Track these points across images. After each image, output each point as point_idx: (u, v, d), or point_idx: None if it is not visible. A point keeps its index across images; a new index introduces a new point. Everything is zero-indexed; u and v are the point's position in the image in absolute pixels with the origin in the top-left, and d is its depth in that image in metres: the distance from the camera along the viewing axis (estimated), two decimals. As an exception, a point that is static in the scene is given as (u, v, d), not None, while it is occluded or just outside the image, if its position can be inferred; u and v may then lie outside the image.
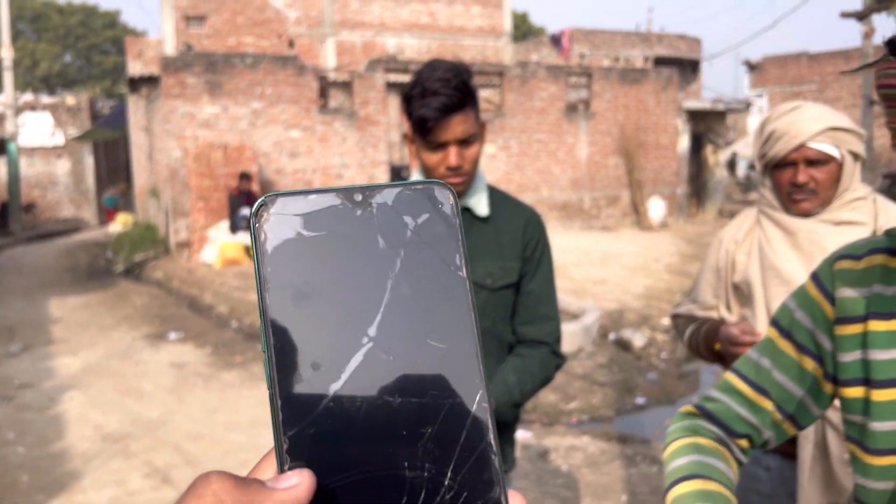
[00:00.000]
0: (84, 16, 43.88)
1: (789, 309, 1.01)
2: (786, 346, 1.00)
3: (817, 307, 0.96)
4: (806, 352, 0.97)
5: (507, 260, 1.65)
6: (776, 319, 1.03)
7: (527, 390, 1.61)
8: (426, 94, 1.50)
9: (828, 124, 1.62)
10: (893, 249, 0.92)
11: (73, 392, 5.79)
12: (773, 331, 1.02)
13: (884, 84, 0.79)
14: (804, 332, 0.98)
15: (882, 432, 0.88)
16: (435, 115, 1.49)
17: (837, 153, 1.63)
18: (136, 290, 10.53)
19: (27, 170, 21.36)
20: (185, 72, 11.38)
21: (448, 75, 1.51)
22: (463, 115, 1.53)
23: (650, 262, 10.46)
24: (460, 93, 1.51)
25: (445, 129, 1.51)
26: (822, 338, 0.96)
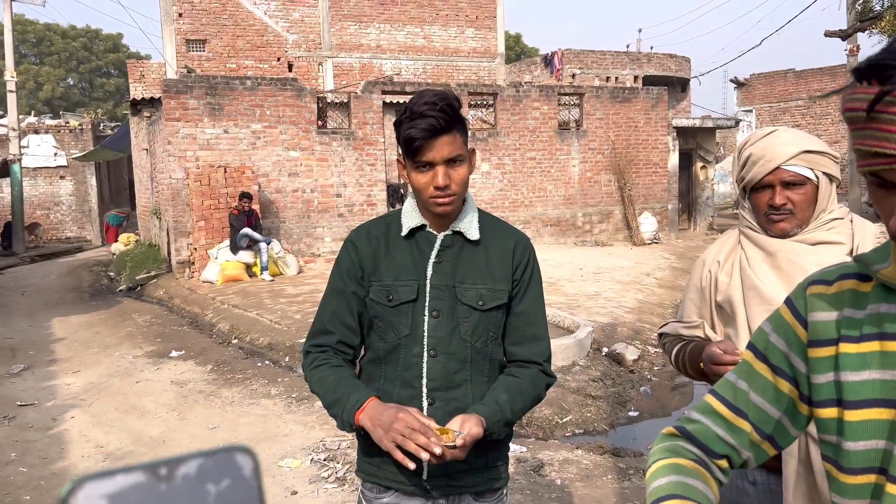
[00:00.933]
0: (87, 40, 44.36)
1: (765, 333, 1.03)
2: (762, 368, 1.02)
3: (791, 331, 0.99)
4: (781, 374, 1.00)
5: (497, 282, 1.69)
6: (752, 343, 1.05)
7: (518, 408, 1.64)
8: (414, 116, 1.57)
9: (801, 148, 1.67)
10: (863, 274, 0.95)
11: (75, 411, 5.87)
12: (749, 354, 1.05)
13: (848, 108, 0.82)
14: (779, 354, 1.00)
15: (855, 451, 0.90)
16: (422, 135, 1.55)
17: (812, 175, 1.68)
18: (138, 308, 10.65)
19: (31, 190, 21.56)
20: (186, 94, 11.59)
21: (435, 100, 1.57)
22: (450, 136, 1.58)
23: (642, 277, 10.58)
24: (446, 115, 1.57)
25: (432, 149, 1.57)
26: (797, 360, 0.98)
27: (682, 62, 22.74)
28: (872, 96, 0.77)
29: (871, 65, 0.77)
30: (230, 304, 9.52)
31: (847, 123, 0.82)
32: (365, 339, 1.77)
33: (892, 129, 0.76)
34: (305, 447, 4.85)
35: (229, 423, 5.45)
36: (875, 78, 0.77)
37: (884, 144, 0.77)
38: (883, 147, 0.77)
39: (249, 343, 7.91)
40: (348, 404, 1.58)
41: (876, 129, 0.77)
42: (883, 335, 0.89)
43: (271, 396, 6.10)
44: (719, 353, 1.65)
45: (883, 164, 0.78)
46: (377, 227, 1.77)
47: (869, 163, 0.80)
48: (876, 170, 0.80)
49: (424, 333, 1.66)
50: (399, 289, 1.68)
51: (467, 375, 1.68)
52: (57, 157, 22.24)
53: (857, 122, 0.80)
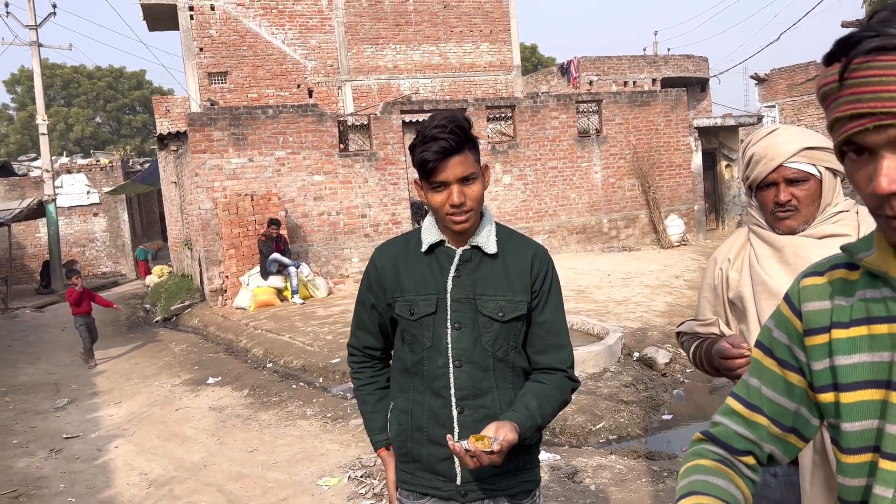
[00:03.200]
0: (112, 79, 45.61)
1: (769, 328, 1.07)
2: (770, 363, 1.05)
3: (790, 324, 1.03)
4: (788, 367, 1.03)
5: (516, 293, 1.75)
6: (759, 340, 1.09)
7: (547, 413, 1.72)
8: (426, 140, 1.66)
9: (803, 145, 1.70)
10: (851, 263, 0.98)
11: (119, 441, 6.04)
12: (756, 351, 1.08)
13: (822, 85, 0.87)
14: (783, 348, 1.03)
15: (852, 432, 0.93)
16: (434, 157, 1.64)
17: (815, 171, 1.71)
18: (174, 338, 10.87)
19: (66, 229, 22.18)
20: (210, 126, 11.88)
21: (444, 122, 1.65)
22: (462, 156, 1.66)
23: (671, 280, 10.50)
24: (457, 137, 1.65)
25: (445, 170, 1.65)
26: (798, 351, 1.02)
27: (699, 62, 22.61)
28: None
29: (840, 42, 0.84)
30: (263, 328, 9.68)
31: (822, 104, 0.87)
32: (396, 349, 1.90)
33: (863, 90, 0.81)
34: (342, 465, 4.93)
35: (267, 446, 5.55)
36: (841, 56, 0.83)
37: (858, 105, 0.82)
38: (858, 108, 0.82)
39: (284, 366, 8.04)
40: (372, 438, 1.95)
41: (850, 93, 0.82)
42: (870, 319, 0.93)
43: (307, 417, 6.20)
44: (727, 348, 1.69)
45: (859, 126, 0.82)
46: (398, 244, 1.87)
47: (846, 128, 0.85)
48: (852, 133, 0.84)
49: (448, 345, 1.74)
50: (420, 303, 1.77)
51: (493, 383, 1.75)
52: (90, 195, 22.88)
53: (832, 94, 0.85)
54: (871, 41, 0.80)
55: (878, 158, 0.83)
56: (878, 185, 0.82)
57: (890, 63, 0.79)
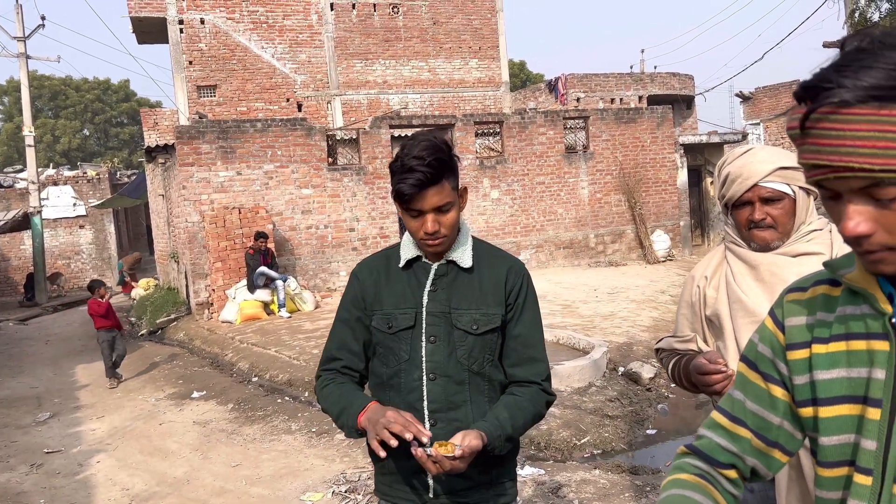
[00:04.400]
0: (100, 91, 45.51)
1: (754, 343, 1.08)
2: (754, 377, 1.07)
3: (774, 338, 1.04)
4: (771, 380, 1.04)
5: (490, 307, 1.77)
6: (744, 354, 1.10)
7: (518, 425, 1.72)
8: (404, 170, 1.68)
9: (777, 164, 1.73)
10: (834, 279, 1.00)
11: (101, 455, 5.98)
12: (741, 365, 1.10)
13: (789, 127, 0.89)
14: (767, 362, 1.05)
15: (829, 446, 0.95)
16: (411, 189, 1.68)
17: (789, 190, 1.74)
18: (159, 351, 10.80)
19: (51, 241, 22.01)
20: (198, 139, 11.88)
21: (424, 153, 1.67)
22: (438, 187, 1.69)
23: (657, 295, 10.57)
24: (434, 169, 1.67)
25: (422, 201, 1.69)
26: (781, 365, 1.03)
27: (685, 80, 22.88)
28: None
29: (804, 87, 0.85)
30: (249, 342, 9.64)
31: (792, 141, 0.90)
32: (369, 364, 1.89)
33: (822, 143, 0.83)
34: (326, 480, 4.91)
35: (251, 461, 5.52)
36: (809, 99, 0.84)
37: (818, 157, 0.84)
38: (818, 159, 0.84)
39: (269, 380, 8.00)
40: (352, 410, 1.72)
41: (811, 143, 0.85)
42: (849, 335, 0.95)
43: (292, 432, 6.17)
44: (704, 363, 1.72)
45: (821, 175, 0.85)
46: (378, 259, 1.91)
47: (811, 174, 0.87)
48: (817, 180, 0.87)
49: (423, 358, 1.77)
50: (398, 316, 1.79)
51: (466, 396, 1.77)
52: (76, 207, 22.74)
53: (796, 138, 0.87)
54: (830, 93, 0.81)
55: (844, 202, 0.86)
56: (845, 228, 0.85)
57: (848, 117, 0.80)
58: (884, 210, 0.83)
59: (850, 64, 0.82)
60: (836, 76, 0.82)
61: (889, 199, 0.82)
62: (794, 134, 0.87)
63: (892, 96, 0.79)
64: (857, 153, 0.81)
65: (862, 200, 0.84)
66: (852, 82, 0.80)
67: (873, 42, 0.83)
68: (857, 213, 0.84)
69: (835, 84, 0.81)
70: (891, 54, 0.80)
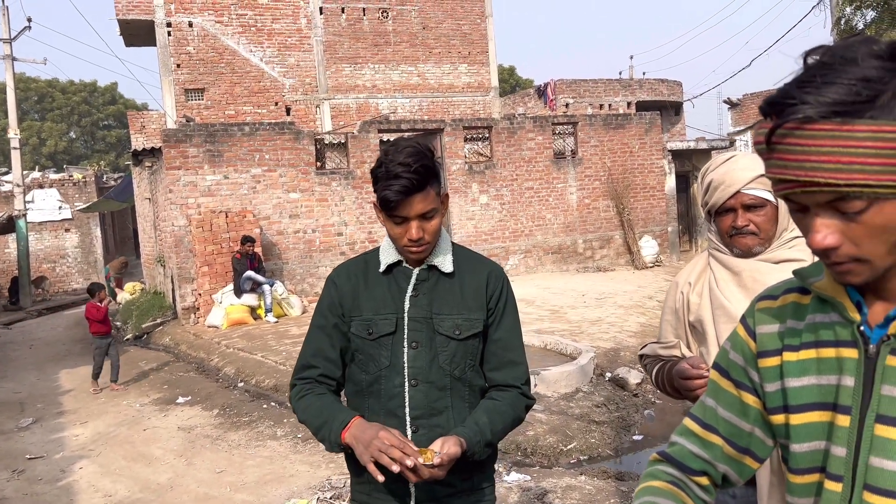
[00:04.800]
0: (87, 94, 45.20)
1: (725, 350, 1.09)
2: (726, 384, 1.08)
3: (745, 345, 1.05)
4: (743, 387, 1.05)
5: (472, 311, 1.78)
6: (716, 361, 1.11)
7: (498, 430, 1.72)
8: (389, 176, 1.66)
9: (759, 172, 1.72)
10: (804, 287, 1.01)
11: (84, 462, 5.91)
12: (714, 372, 1.11)
13: (756, 142, 0.90)
14: (739, 369, 1.06)
15: (800, 453, 0.96)
16: (396, 196, 1.66)
17: (771, 197, 1.75)
18: (144, 356, 10.71)
19: (36, 245, 21.81)
20: (185, 143, 11.81)
21: (409, 160, 1.65)
22: (423, 193, 1.68)
23: (644, 300, 10.61)
24: (419, 175, 1.65)
25: (406, 207, 1.68)
26: (752, 372, 1.04)
27: (673, 86, 23.04)
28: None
29: (769, 103, 0.86)
30: (235, 347, 9.58)
31: (759, 156, 0.90)
32: (346, 371, 1.86)
33: (788, 158, 0.84)
34: (311, 486, 4.87)
35: (236, 467, 5.47)
36: (774, 114, 0.85)
37: (784, 171, 0.85)
38: (784, 174, 0.85)
39: (255, 385, 7.95)
40: (334, 425, 1.67)
41: (777, 158, 0.86)
42: (818, 343, 0.96)
43: (277, 438, 6.13)
44: (687, 368, 1.74)
45: (787, 189, 0.86)
46: (356, 264, 1.88)
47: (778, 188, 0.88)
48: (784, 194, 0.88)
49: (405, 364, 1.75)
50: (379, 322, 1.77)
51: (448, 402, 1.76)
52: (62, 211, 22.55)
53: (763, 153, 0.88)
54: (794, 109, 0.82)
55: (811, 215, 0.87)
56: (812, 241, 0.86)
57: (812, 133, 0.81)
58: (850, 223, 0.84)
59: (812, 80, 0.83)
60: (798, 92, 0.83)
61: (854, 213, 0.83)
62: (761, 149, 0.88)
63: (854, 111, 0.80)
64: (822, 168, 0.81)
65: (828, 213, 0.85)
66: (815, 98, 0.81)
67: (834, 56, 0.83)
68: (824, 226, 0.85)
69: (798, 100, 0.82)
70: (852, 69, 0.81)
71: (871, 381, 0.89)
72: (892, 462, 0.86)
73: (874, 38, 0.85)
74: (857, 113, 0.80)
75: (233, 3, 18.23)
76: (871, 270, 0.86)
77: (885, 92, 0.80)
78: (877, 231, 0.83)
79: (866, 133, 0.80)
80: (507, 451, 5.32)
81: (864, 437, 0.89)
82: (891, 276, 0.89)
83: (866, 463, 0.88)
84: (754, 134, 0.90)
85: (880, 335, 0.90)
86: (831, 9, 16.75)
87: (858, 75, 0.80)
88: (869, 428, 0.88)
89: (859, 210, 0.83)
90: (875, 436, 0.88)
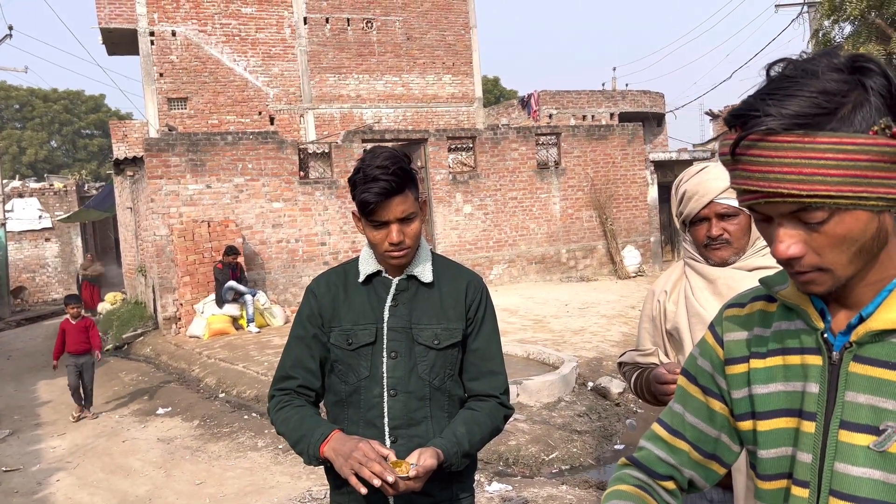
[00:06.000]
0: (68, 102, 44.81)
1: (694, 357, 1.11)
2: (694, 390, 1.09)
3: (713, 352, 1.07)
4: (711, 394, 1.07)
5: (451, 321, 1.78)
6: (685, 368, 1.13)
7: (476, 440, 1.72)
8: (367, 180, 1.67)
9: None
10: (769, 295, 1.04)
11: (61, 474, 5.83)
12: (682, 379, 1.13)
13: (721, 153, 0.92)
14: (706, 375, 1.08)
15: (767, 459, 0.98)
16: (375, 198, 1.66)
17: None
18: (125, 367, 10.58)
19: (16, 254, 21.53)
20: (167, 152, 11.74)
21: (387, 163, 1.67)
22: (402, 197, 1.69)
23: (627, 310, 10.67)
24: (398, 178, 1.67)
25: (386, 210, 1.68)
26: (720, 379, 1.06)
27: (656, 97, 23.28)
28: None
29: (733, 114, 0.88)
30: (217, 357, 9.50)
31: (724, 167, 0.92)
32: (325, 382, 1.85)
33: (752, 169, 0.85)
34: (292, 498, 4.84)
35: (216, 478, 5.42)
36: (739, 125, 0.87)
37: (748, 182, 0.87)
38: (747, 185, 0.87)
39: (236, 396, 7.88)
40: (313, 439, 1.67)
41: (741, 169, 0.87)
42: (784, 350, 0.98)
43: (258, 449, 6.08)
44: (663, 373, 1.76)
45: (752, 200, 0.88)
46: (336, 275, 1.88)
47: (743, 199, 0.90)
48: (749, 204, 0.89)
49: (384, 374, 1.75)
50: (358, 332, 1.77)
51: (427, 413, 1.76)
52: (42, 220, 22.29)
53: (728, 164, 0.90)
54: (757, 121, 0.83)
55: (775, 225, 0.88)
56: (776, 251, 0.88)
57: (775, 144, 0.83)
58: (813, 233, 0.86)
59: (775, 92, 0.84)
60: (762, 104, 0.84)
61: (817, 223, 0.85)
62: (726, 160, 0.90)
63: (816, 124, 0.82)
64: (785, 179, 0.83)
65: (792, 224, 0.87)
66: (777, 110, 0.83)
67: (796, 69, 0.85)
68: (787, 237, 0.87)
69: (761, 112, 0.84)
70: (813, 82, 0.83)
71: (835, 387, 0.91)
72: (855, 467, 0.88)
73: (835, 51, 0.87)
74: (818, 125, 0.82)
75: (217, 12, 18.20)
76: (833, 280, 0.88)
77: (845, 105, 0.82)
78: (838, 241, 0.85)
79: (827, 145, 0.81)
80: (489, 460, 5.32)
81: (828, 443, 0.90)
82: (853, 286, 0.91)
83: (831, 469, 0.89)
84: (719, 145, 0.92)
85: (843, 342, 0.91)
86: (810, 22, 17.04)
87: (819, 88, 0.82)
88: (833, 434, 0.90)
89: (821, 220, 0.84)
90: (839, 441, 0.89)
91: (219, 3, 18.16)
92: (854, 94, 0.82)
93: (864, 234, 0.85)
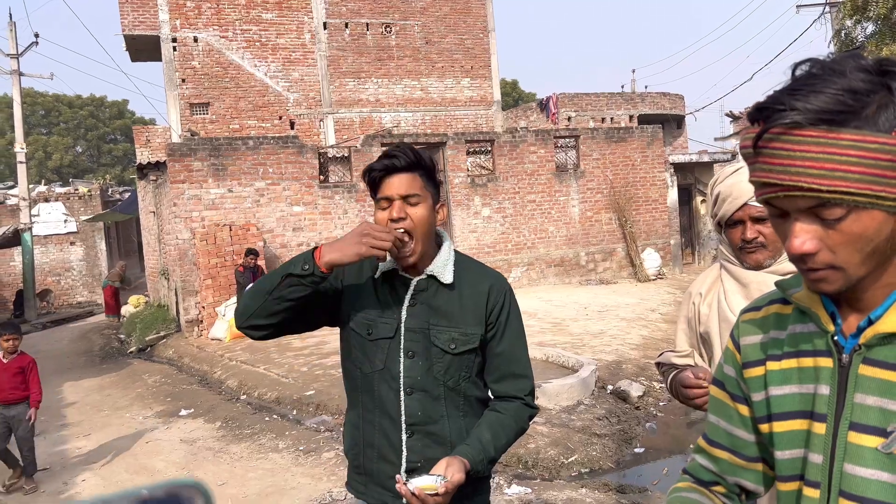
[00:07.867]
0: (93, 108, 45.54)
1: (721, 365, 1.13)
2: (723, 397, 1.11)
3: (734, 357, 1.08)
4: (738, 399, 1.08)
5: (469, 326, 1.75)
6: (714, 376, 1.14)
7: (501, 445, 1.73)
8: (381, 158, 1.75)
9: None
10: (785, 298, 1.04)
11: (86, 474, 5.92)
12: (713, 388, 1.14)
13: (742, 146, 0.92)
14: (732, 382, 1.09)
15: (783, 460, 0.99)
16: (380, 166, 1.71)
17: None
18: (148, 369, 10.73)
19: (42, 258, 21.90)
20: (190, 157, 11.90)
21: (401, 145, 1.74)
22: (409, 175, 1.70)
23: (647, 313, 10.60)
24: (407, 157, 1.70)
25: (389, 185, 1.70)
26: (742, 384, 1.07)
27: (675, 100, 23.12)
28: None
29: (757, 108, 0.89)
30: (238, 360, 9.60)
31: (744, 160, 0.93)
32: (343, 366, 1.89)
33: (773, 162, 0.86)
34: (313, 499, 4.88)
35: (238, 479, 5.48)
36: (761, 119, 0.88)
37: (769, 175, 0.87)
38: (768, 177, 0.88)
39: (258, 398, 7.96)
40: (301, 257, 1.69)
41: (762, 162, 0.88)
42: (798, 352, 0.99)
43: (279, 450, 6.14)
44: (689, 377, 1.76)
45: (770, 193, 0.89)
46: (360, 265, 1.85)
47: (761, 192, 0.91)
48: (767, 198, 0.90)
49: (401, 373, 1.76)
50: (380, 325, 1.78)
51: (443, 411, 1.77)
52: (67, 224, 22.67)
53: (749, 157, 0.91)
54: (782, 115, 0.84)
55: (791, 220, 0.89)
56: (791, 246, 0.88)
57: (799, 138, 0.84)
58: (829, 230, 0.86)
59: (801, 88, 0.85)
60: (788, 99, 0.85)
61: (834, 220, 0.85)
62: (747, 153, 0.90)
63: (840, 120, 0.83)
64: (806, 173, 0.84)
65: (809, 219, 0.87)
66: (803, 105, 0.83)
67: (823, 68, 0.86)
68: (803, 232, 0.87)
69: (787, 106, 0.84)
70: (839, 80, 0.84)
71: (845, 389, 0.92)
72: (863, 469, 0.88)
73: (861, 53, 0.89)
74: (842, 122, 0.82)
75: (237, 18, 18.41)
76: (845, 279, 0.89)
77: (870, 104, 0.83)
78: (853, 239, 0.85)
79: (850, 142, 0.82)
80: (509, 463, 5.33)
81: (838, 445, 0.91)
82: (863, 288, 0.91)
83: (841, 470, 0.90)
84: (741, 138, 0.92)
85: (853, 345, 0.92)
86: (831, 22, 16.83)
87: (846, 86, 0.83)
88: (843, 435, 0.91)
89: (838, 217, 0.85)
90: (848, 443, 0.90)
91: (240, 9, 18.37)
92: (879, 95, 0.83)
93: (880, 234, 0.86)
